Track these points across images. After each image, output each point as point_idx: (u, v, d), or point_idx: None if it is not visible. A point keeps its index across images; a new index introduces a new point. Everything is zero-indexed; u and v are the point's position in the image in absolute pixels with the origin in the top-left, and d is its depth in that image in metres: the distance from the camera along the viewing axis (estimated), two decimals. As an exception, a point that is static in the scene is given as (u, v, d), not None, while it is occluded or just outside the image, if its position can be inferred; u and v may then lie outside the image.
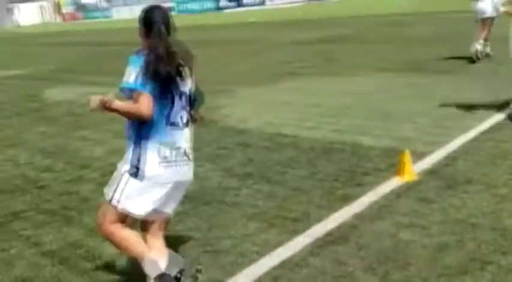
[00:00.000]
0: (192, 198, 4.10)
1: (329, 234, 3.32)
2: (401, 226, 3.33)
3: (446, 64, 9.40)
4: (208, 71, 11.46)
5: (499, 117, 5.65)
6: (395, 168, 4.23)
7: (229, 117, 6.90)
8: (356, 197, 3.86)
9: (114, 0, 59.12)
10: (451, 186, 3.89)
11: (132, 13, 54.78)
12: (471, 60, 9.14)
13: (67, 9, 65.71)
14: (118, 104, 2.45)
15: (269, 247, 3.21)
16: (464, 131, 5.24)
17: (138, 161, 2.50)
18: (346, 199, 3.84)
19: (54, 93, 10.36)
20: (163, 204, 2.58)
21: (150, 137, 2.50)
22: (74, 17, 62.54)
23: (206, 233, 3.51)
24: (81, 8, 63.77)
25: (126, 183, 2.51)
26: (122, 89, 2.51)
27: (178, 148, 2.56)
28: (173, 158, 2.53)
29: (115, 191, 2.53)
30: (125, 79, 2.47)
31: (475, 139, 5.00)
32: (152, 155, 2.49)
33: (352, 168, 4.51)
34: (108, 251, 3.25)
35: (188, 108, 2.64)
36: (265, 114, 6.90)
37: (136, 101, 2.44)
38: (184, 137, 2.60)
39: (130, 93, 2.48)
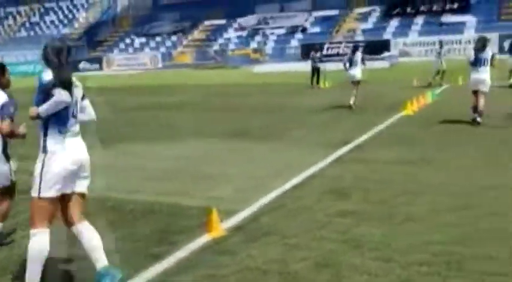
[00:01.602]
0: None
1: (135, 291, 3.50)
2: (204, 278, 3.66)
3: (267, 131, 10.43)
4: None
5: (302, 176, 6.46)
6: (207, 226, 4.61)
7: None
8: (166, 254, 4.11)
9: None
10: (252, 239, 4.37)
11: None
12: (291, 127, 10.34)
13: None
14: None
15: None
16: (271, 190, 5.89)
17: None
18: (157, 257, 4.06)
19: None
20: None
21: None
22: None
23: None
24: None
25: None
26: None
27: None
28: None
29: None
30: None
31: (279, 197, 5.66)
32: None
33: (168, 228, 4.79)
34: None
35: None
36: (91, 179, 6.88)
37: None
38: None
39: None
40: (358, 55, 13.67)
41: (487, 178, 6.06)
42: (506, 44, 28.91)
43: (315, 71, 20.75)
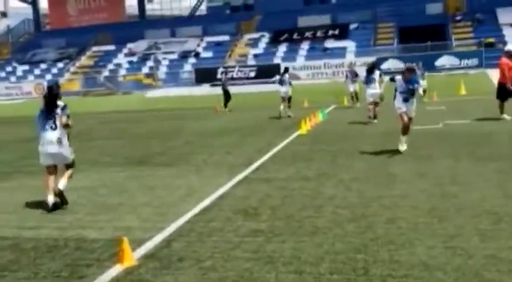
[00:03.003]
0: None
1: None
2: (120, 309, 3.56)
3: (168, 156, 10.36)
4: None
5: (209, 199, 6.52)
6: (117, 256, 4.48)
7: None
8: (78, 289, 3.94)
9: None
10: (165, 266, 4.34)
11: None
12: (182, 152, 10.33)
13: None
14: None
15: None
16: (180, 215, 5.88)
17: None
18: (68, 293, 3.88)
19: None
20: (52, 161, 6.59)
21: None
22: None
23: None
24: None
25: None
26: None
27: (44, 137, 6.49)
28: (44, 143, 6.51)
29: None
30: None
31: (188, 221, 5.67)
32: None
33: (76, 262, 4.59)
34: None
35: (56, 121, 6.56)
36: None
37: None
38: (50, 133, 6.50)
39: None
40: (287, 76, 17.14)
41: (376, 189, 6.58)
42: (382, 66, 31.62)
43: (225, 93, 21.03)
